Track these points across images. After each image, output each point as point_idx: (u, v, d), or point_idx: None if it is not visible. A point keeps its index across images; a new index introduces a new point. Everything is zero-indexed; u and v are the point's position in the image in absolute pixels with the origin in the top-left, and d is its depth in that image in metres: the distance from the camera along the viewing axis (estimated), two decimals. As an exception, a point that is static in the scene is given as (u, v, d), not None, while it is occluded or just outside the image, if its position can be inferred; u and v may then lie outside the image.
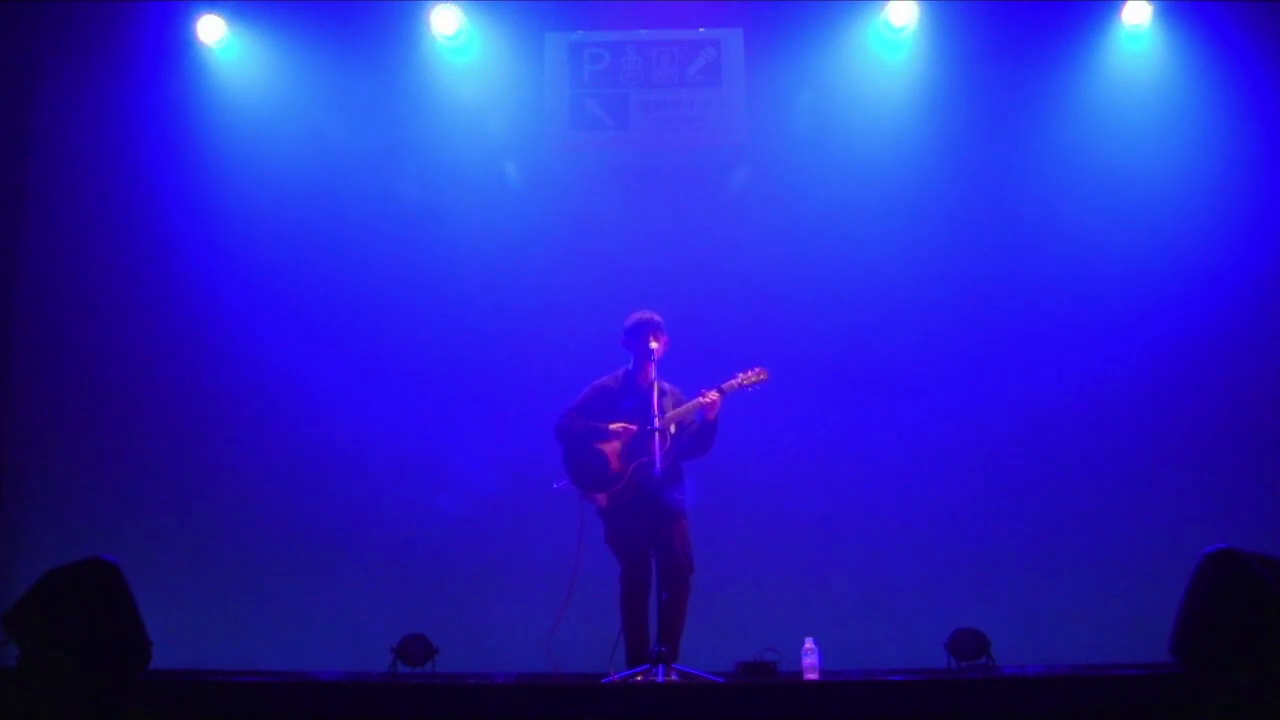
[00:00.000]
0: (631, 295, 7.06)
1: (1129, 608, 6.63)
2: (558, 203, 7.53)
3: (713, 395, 5.49)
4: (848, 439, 7.18)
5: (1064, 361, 7.21)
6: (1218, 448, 7.07)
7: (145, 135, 7.62)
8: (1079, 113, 7.42)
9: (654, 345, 5.65)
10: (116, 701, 4.52)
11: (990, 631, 6.22)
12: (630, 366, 5.83)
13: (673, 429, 5.55)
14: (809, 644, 5.71)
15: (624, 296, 7.07)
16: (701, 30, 7.60)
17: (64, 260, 7.58)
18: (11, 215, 7.60)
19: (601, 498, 5.61)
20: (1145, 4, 7.35)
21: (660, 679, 4.96)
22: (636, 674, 5.10)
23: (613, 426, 5.62)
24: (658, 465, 5.28)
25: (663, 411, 5.52)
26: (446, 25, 7.47)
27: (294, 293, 7.49)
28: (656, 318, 5.75)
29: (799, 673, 5.70)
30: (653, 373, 5.66)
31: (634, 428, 5.57)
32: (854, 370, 7.25)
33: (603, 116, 7.52)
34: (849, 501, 7.10)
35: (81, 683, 4.62)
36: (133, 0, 7.64)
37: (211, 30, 7.54)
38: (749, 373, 5.56)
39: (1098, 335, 7.24)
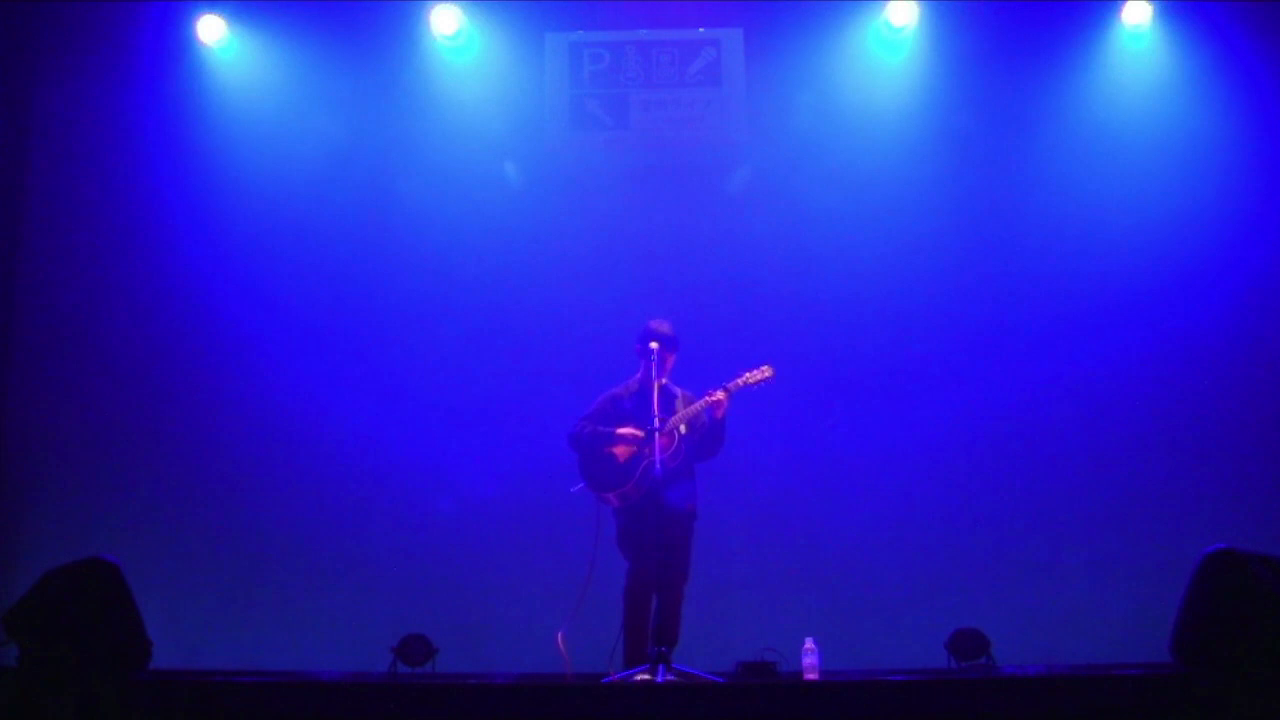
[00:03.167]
0: (632, 295, 7.10)
1: (1129, 608, 6.63)
2: (558, 203, 7.53)
3: (719, 395, 5.54)
4: (848, 439, 7.17)
5: (1064, 362, 7.21)
6: (1218, 448, 7.07)
7: (145, 135, 7.61)
8: (1079, 112, 7.42)
9: (668, 358, 5.70)
10: (116, 701, 4.52)
11: (990, 631, 6.22)
12: (640, 374, 5.85)
13: (683, 429, 5.61)
14: (809, 644, 5.71)
15: (624, 296, 7.11)
16: (701, 30, 7.59)
17: (64, 260, 7.58)
18: (12, 215, 7.60)
19: (613, 498, 5.64)
20: (1145, 4, 7.35)
21: (660, 679, 4.96)
22: (636, 674, 5.11)
23: (620, 431, 5.65)
24: (657, 465, 5.30)
25: (673, 414, 5.56)
26: (446, 25, 7.46)
27: (293, 293, 7.48)
28: (665, 329, 5.76)
29: (799, 673, 5.70)
30: (662, 379, 5.70)
31: (642, 434, 5.59)
32: (854, 370, 7.25)
33: (603, 116, 7.52)
34: (849, 501, 7.10)
35: (81, 683, 4.62)
36: (133, 0, 7.64)
37: (211, 30, 7.54)
38: (754, 371, 5.62)
39: (1097, 335, 7.24)
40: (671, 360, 5.78)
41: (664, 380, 5.74)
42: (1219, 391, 7.14)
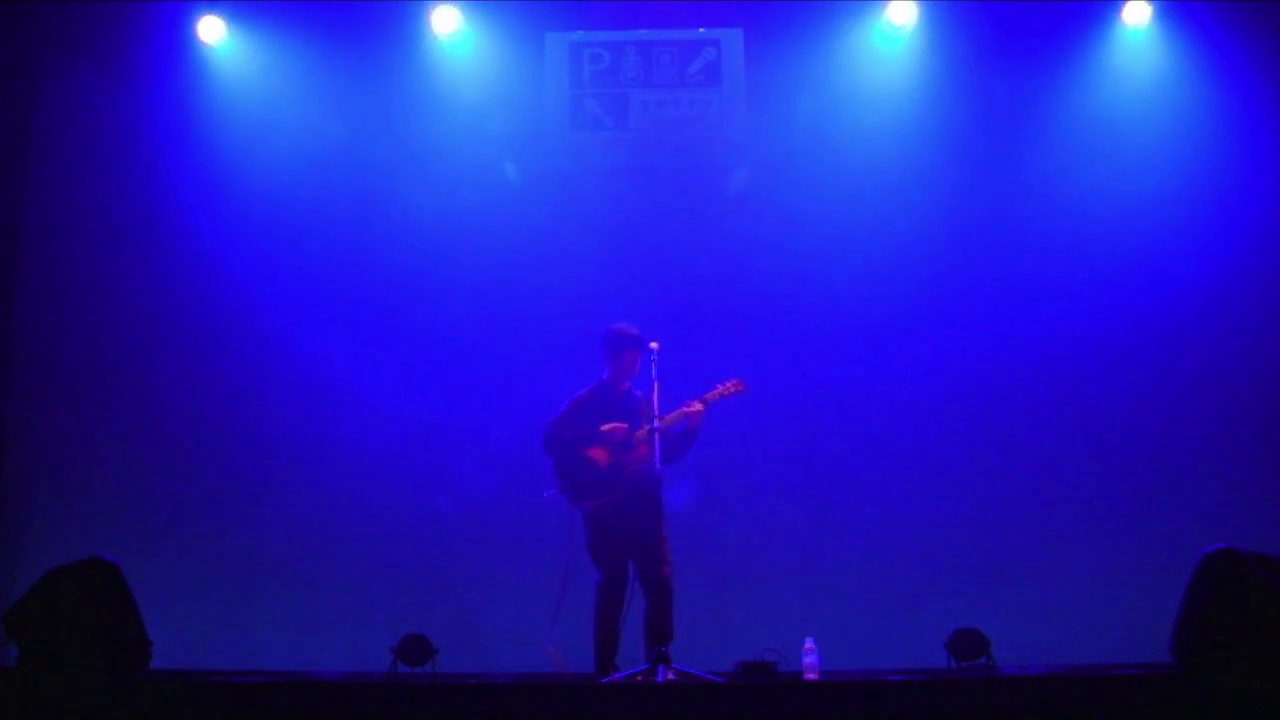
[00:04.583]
0: (631, 295, 7.11)
1: (1129, 608, 6.63)
2: (558, 203, 7.53)
3: (698, 406, 5.64)
4: (848, 438, 7.17)
5: (1065, 361, 7.21)
6: (1218, 448, 7.07)
7: (146, 135, 7.61)
8: (1079, 112, 7.41)
9: (634, 360, 5.76)
10: (116, 701, 4.53)
11: (990, 631, 6.22)
12: (606, 377, 5.88)
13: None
14: (809, 644, 5.71)
15: (624, 296, 7.11)
16: (701, 30, 7.60)
17: (65, 259, 7.57)
18: (13, 214, 7.60)
19: (589, 504, 5.65)
20: (1145, 4, 7.35)
21: (660, 679, 4.96)
22: (636, 674, 5.11)
23: (605, 427, 5.66)
24: (658, 463, 5.33)
25: (639, 419, 5.61)
26: (446, 25, 7.47)
27: (292, 294, 7.48)
28: (635, 331, 5.81)
29: (799, 673, 5.69)
30: (625, 384, 5.78)
31: (625, 425, 5.62)
32: (853, 369, 7.24)
33: (603, 116, 7.52)
34: (849, 501, 7.10)
35: (81, 683, 4.62)
36: (134, 0, 7.64)
37: (212, 30, 7.54)
38: (727, 384, 5.73)
39: (1097, 334, 7.24)
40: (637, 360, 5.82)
41: (627, 385, 5.82)
42: (1221, 391, 7.13)
